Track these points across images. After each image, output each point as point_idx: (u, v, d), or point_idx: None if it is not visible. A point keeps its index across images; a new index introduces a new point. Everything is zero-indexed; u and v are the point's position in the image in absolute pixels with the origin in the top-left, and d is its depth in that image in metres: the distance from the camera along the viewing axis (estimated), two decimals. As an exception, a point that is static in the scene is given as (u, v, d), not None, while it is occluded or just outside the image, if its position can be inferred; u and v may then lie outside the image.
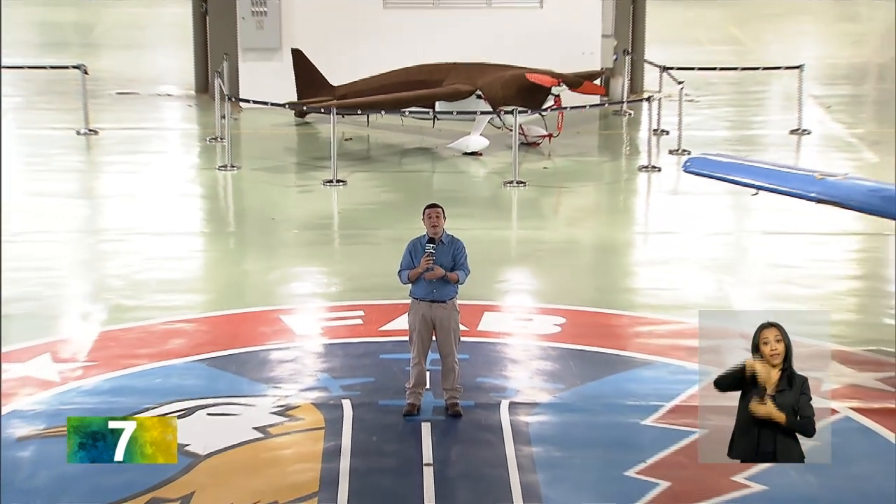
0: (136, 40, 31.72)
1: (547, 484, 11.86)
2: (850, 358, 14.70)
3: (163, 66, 28.52)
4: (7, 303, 16.44)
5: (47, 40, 31.53)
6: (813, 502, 11.71)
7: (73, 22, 34.13)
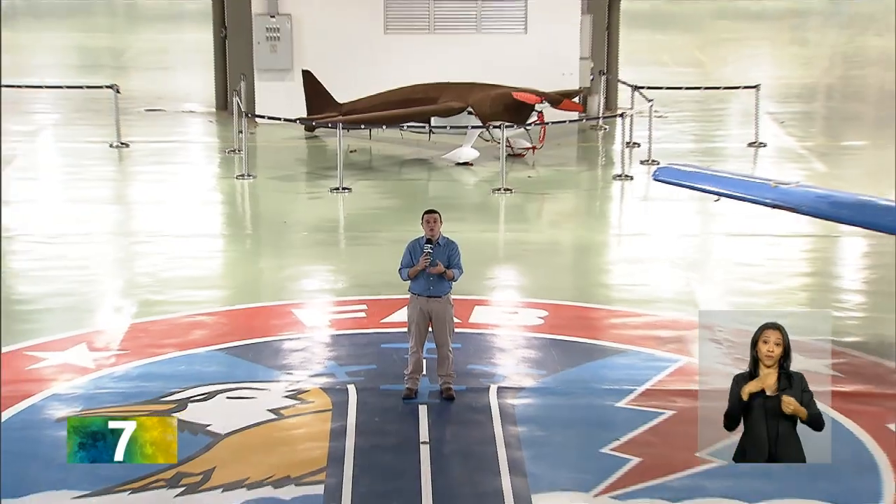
0: (163, 63, 31.69)
1: (531, 460, 11.93)
2: (802, 346, 14.69)
3: (186, 86, 28.50)
4: (47, 297, 16.51)
5: (84, 63, 31.49)
6: (767, 475, 11.71)
7: (107, 47, 34.09)
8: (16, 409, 13.03)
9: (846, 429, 12.67)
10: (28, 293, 16.79)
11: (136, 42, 35.10)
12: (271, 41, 24.99)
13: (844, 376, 13.88)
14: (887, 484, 11.63)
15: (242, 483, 11.46)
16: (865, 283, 17.54)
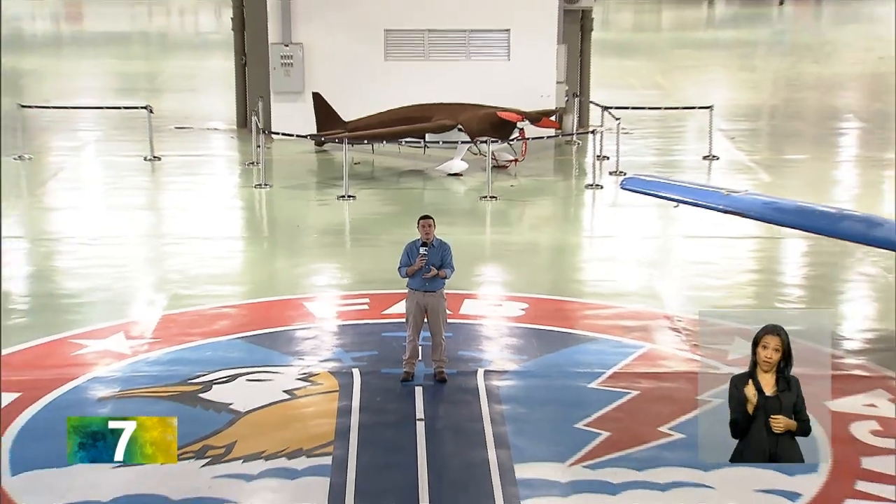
0: (191, 86, 31.64)
1: (513, 434, 11.97)
2: (750, 334, 14.68)
3: (211, 107, 28.47)
4: (89, 292, 16.50)
5: (121, 86, 31.43)
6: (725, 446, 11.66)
7: (142, 72, 34.02)
8: (62, 389, 13.05)
9: (789, 406, 12.67)
10: (73, 288, 16.78)
11: (167, 68, 35.03)
12: (285, 67, 24.98)
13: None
14: (823, 452, 11.64)
15: (260, 455, 11.49)
16: (804, 279, 17.56)
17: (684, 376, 13.44)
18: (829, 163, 24.73)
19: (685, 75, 33.96)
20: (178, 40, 41.71)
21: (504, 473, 11.13)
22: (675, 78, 33.22)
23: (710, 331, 14.83)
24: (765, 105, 30.49)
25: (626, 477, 11.04)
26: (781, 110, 30.00)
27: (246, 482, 11.01)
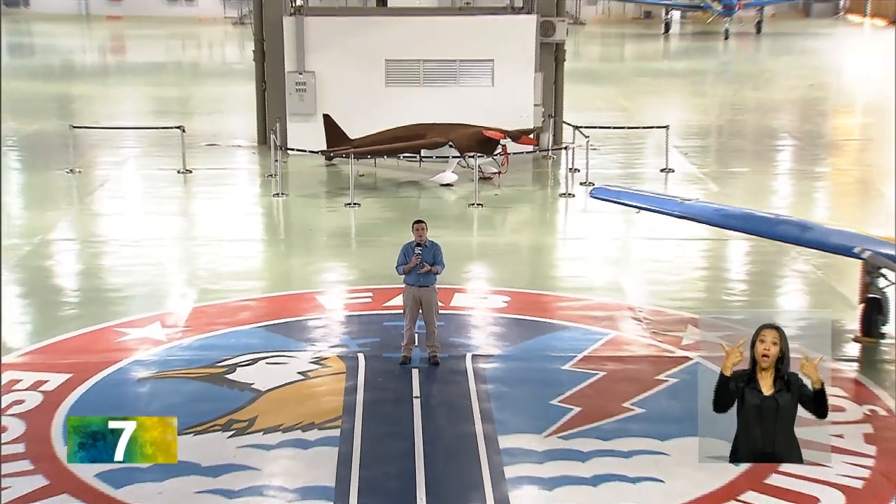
0: (218, 108, 31.59)
1: (497, 410, 11.98)
2: (700, 322, 14.74)
3: (235, 126, 28.43)
4: (130, 287, 16.48)
5: (158, 109, 31.37)
6: (675, 419, 11.76)
7: (176, 97, 33.95)
8: (107, 371, 13.02)
9: (734, 385, 12.67)
10: (116, 284, 16.73)
11: (197, 93, 34.94)
12: (299, 92, 24.94)
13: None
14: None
15: (278, 427, 11.49)
16: (747, 275, 17.57)
17: (645, 359, 13.47)
18: (767, 175, 24.75)
19: (645, 99, 33.98)
20: (207, 69, 41.63)
21: (489, 444, 11.14)
22: (636, 101, 33.25)
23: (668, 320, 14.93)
24: (713, 125, 30.54)
25: (594, 446, 11.05)
26: (727, 130, 30.04)
27: (266, 451, 11.00)
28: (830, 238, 15.07)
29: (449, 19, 28.29)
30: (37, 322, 15.06)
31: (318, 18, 26.20)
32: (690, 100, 34.63)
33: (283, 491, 10.31)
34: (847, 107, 34.76)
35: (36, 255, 17.97)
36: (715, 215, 16.59)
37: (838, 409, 12.02)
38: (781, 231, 15.99)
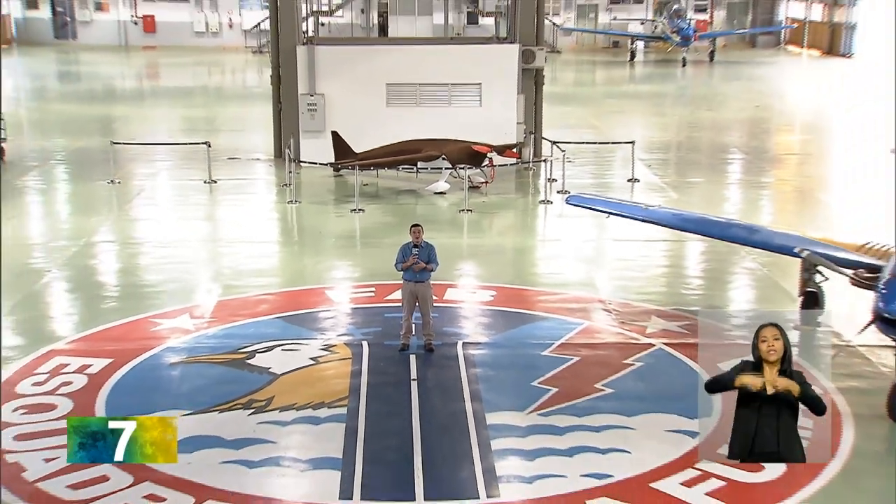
0: (239, 126, 31.50)
1: (485, 390, 12.01)
2: (662, 313, 14.77)
3: (255, 142, 28.32)
4: (163, 283, 16.44)
5: (186, 127, 31.30)
6: (640, 398, 11.79)
7: (202, 116, 33.89)
8: (143, 356, 13.01)
9: (690, 367, 12.71)
10: (150, 280, 16.68)
11: (221, 113, 34.84)
12: (311, 111, 24.86)
13: (688, 332, 13.92)
14: (716, 401, 11.62)
15: (292, 406, 11.48)
16: (702, 272, 17.58)
17: (614, 346, 13.48)
18: (720, 184, 24.76)
19: (613, 118, 33.98)
20: (230, 92, 41.54)
21: (478, 420, 11.15)
22: (605, 120, 33.24)
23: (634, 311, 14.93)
24: (672, 141, 30.54)
25: (569, 422, 11.07)
26: (685, 145, 30.04)
27: (282, 427, 11.01)
28: (774, 239, 15.14)
29: (442, 48, 28.28)
30: (82, 313, 15.02)
31: (327, 47, 26.18)
32: (653, 119, 34.65)
33: (297, 462, 10.31)
34: (788, 125, 34.81)
35: (81, 256, 17.91)
36: (675, 219, 16.65)
37: (782, 389, 12.06)
38: (732, 233, 16.05)
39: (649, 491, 9.75)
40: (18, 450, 10.50)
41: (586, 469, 10.08)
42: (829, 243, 14.20)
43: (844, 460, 10.44)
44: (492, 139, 23.41)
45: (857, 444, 10.78)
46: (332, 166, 23.98)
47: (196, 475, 9.95)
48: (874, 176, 23.94)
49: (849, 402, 11.70)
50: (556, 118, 28.91)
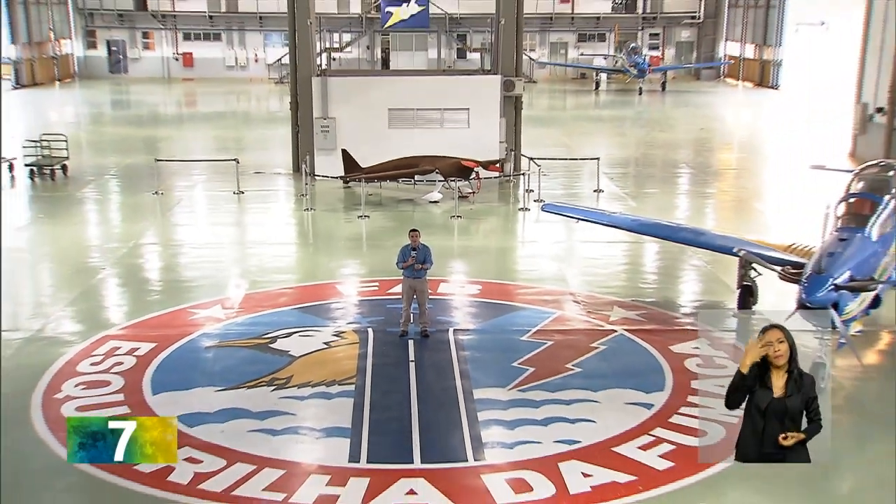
0: (264, 146, 31.37)
1: (472, 370, 11.98)
2: (623, 304, 14.74)
3: (276, 159, 28.20)
4: (199, 279, 16.36)
5: (218, 146, 31.13)
6: (604, 376, 11.75)
7: (232, 137, 33.74)
8: (182, 341, 12.95)
9: (647, 350, 12.68)
10: (188, 276, 16.59)
11: (248, 134, 34.67)
12: (324, 132, 24.78)
13: (645, 320, 13.91)
14: (668, 378, 11.70)
15: (308, 384, 11.43)
16: (656, 269, 17.52)
17: (582, 332, 13.44)
18: (671, 195, 24.74)
19: (581, 138, 33.92)
20: (256, 116, 41.41)
21: (466, 395, 11.13)
22: (575, 140, 33.18)
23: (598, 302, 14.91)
24: (631, 157, 30.49)
25: (544, 396, 11.06)
26: (641, 161, 29.98)
27: (300, 401, 10.97)
28: (716, 241, 15.14)
29: (435, 78, 28.27)
30: (131, 304, 14.95)
31: (338, 78, 26.13)
32: (614, 139, 34.63)
33: (313, 430, 10.27)
34: (727, 145, 34.81)
35: (130, 255, 17.82)
36: (633, 224, 16.64)
37: (721, 367, 12.06)
38: (681, 236, 16.04)
39: (612, 454, 9.75)
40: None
41: (558, 436, 10.07)
42: (761, 244, 14.21)
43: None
44: (478, 156, 23.39)
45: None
46: (341, 179, 23.91)
47: (227, 441, 9.94)
48: (798, 188, 24.03)
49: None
50: (532, 138, 28.88)
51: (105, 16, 52.09)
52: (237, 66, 54.83)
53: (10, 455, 9.71)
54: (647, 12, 55.68)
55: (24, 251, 18.28)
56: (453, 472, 9.42)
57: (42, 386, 11.39)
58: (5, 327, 13.50)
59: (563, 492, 9.03)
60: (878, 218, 11.95)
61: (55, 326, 13.68)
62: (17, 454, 9.77)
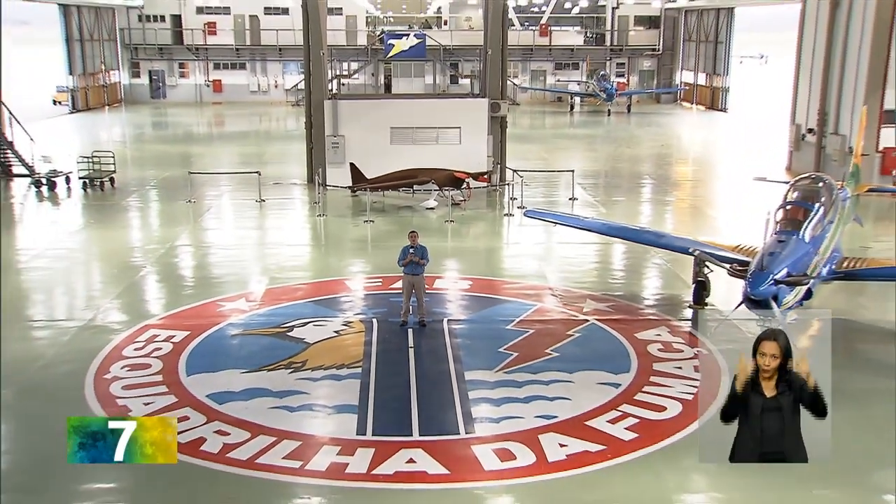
0: (282, 160, 31.18)
1: (464, 355, 11.94)
2: (595, 297, 14.71)
3: (293, 171, 28.07)
4: (226, 275, 16.27)
5: (243, 161, 30.98)
6: (578, 360, 11.71)
7: (254, 153, 33.61)
8: (211, 329, 12.89)
9: (615, 337, 12.67)
10: (216, 273, 16.55)
11: (268, 150, 34.47)
12: (334, 148, 24.65)
13: (614, 311, 13.90)
14: (633, 361, 11.67)
15: (321, 367, 11.40)
16: (623, 266, 17.48)
17: (559, 321, 13.42)
18: (636, 202, 24.72)
19: (558, 153, 33.86)
20: (276, 135, 41.20)
21: (458, 376, 11.11)
22: (552, 154, 33.12)
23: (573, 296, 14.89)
24: (601, 170, 30.41)
25: (526, 378, 11.04)
26: (610, 173, 29.91)
27: (313, 382, 10.94)
28: (675, 242, 15.15)
29: (432, 101, 28.26)
30: (168, 297, 14.90)
31: (346, 101, 26.03)
32: (587, 153, 34.59)
33: (325, 407, 10.25)
34: (683, 159, 34.81)
35: (167, 255, 17.75)
36: (603, 227, 16.66)
37: (677, 350, 12.10)
38: (645, 238, 16.05)
39: (584, 427, 9.74)
40: (126, 397, 10.55)
41: (538, 412, 10.06)
42: (713, 245, 14.25)
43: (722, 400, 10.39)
44: (468, 168, 23.34)
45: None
46: (350, 189, 23.85)
47: (251, 416, 9.92)
48: (743, 196, 24.03)
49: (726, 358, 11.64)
50: (516, 152, 28.81)
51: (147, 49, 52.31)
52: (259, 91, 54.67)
53: (65, 429, 9.64)
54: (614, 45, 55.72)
55: (78, 252, 18.28)
56: (447, 443, 9.41)
57: (93, 368, 11.41)
58: (63, 317, 13.70)
59: (542, 460, 9.04)
60: (811, 223, 12.07)
61: (104, 317, 13.65)
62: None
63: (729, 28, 48.66)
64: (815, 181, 13.34)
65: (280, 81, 55.01)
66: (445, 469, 8.85)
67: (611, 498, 8.48)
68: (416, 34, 26.49)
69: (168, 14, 52.25)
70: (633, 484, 8.69)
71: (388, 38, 26.93)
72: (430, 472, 8.79)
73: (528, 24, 56.55)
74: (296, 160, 29.24)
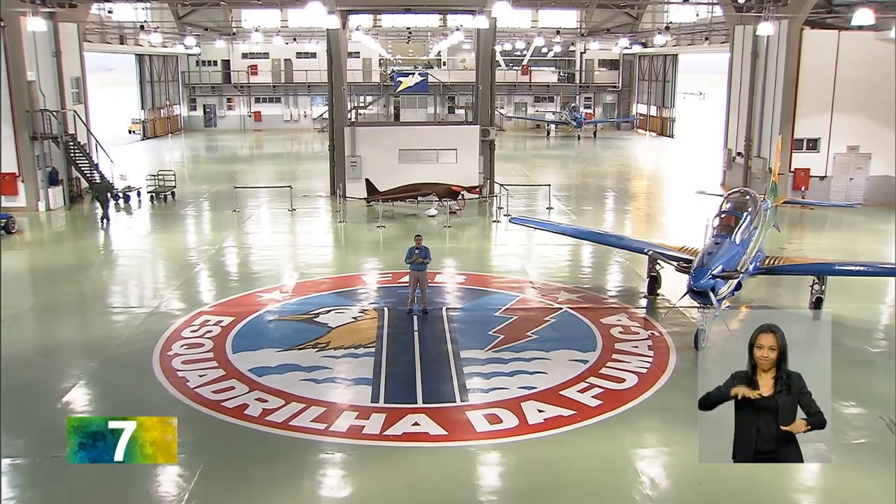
0: (309, 175, 31.15)
1: (459, 337, 11.89)
2: (567, 289, 14.68)
3: (318, 185, 28.01)
4: (263, 271, 16.18)
5: (278, 177, 30.88)
6: (554, 340, 11.68)
7: (287, 170, 33.50)
8: (252, 316, 12.85)
9: (584, 322, 12.64)
10: (255, 269, 16.45)
11: (298, 168, 34.33)
12: (352, 166, 24.65)
13: (583, 301, 13.86)
14: (598, 342, 11.62)
15: (342, 347, 11.37)
16: (591, 264, 17.41)
17: (538, 309, 13.39)
18: (602, 211, 24.62)
19: (537, 170, 33.76)
20: (304, 155, 41.03)
21: (455, 355, 11.09)
22: (533, 171, 33.03)
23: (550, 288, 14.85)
24: (573, 184, 30.32)
25: (511, 356, 11.02)
26: (580, 187, 29.80)
27: (336, 359, 10.90)
28: (632, 244, 15.12)
29: (433, 127, 28.08)
30: (216, 289, 14.83)
31: (363, 128, 25.94)
32: (561, 171, 34.51)
33: (345, 380, 10.23)
34: (640, 175, 34.76)
35: (216, 254, 17.70)
36: (574, 231, 16.61)
37: (634, 333, 12.07)
38: (608, 240, 16.02)
39: (559, 396, 9.74)
40: (184, 370, 10.56)
41: (521, 384, 10.05)
42: (663, 246, 14.23)
43: (670, 374, 10.49)
44: (463, 182, 23.30)
45: (677, 364, 10.85)
46: (365, 200, 23.80)
47: (285, 387, 9.93)
48: (687, 206, 23.99)
49: (673, 339, 11.76)
50: (502, 170, 28.76)
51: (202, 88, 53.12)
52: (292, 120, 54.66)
53: (138, 394, 9.93)
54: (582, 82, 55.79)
55: (147, 252, 18.27)
56: (446, 409, 9.40)
57: (159, 346, 11.46)
58: (136, 304, 13.81)
59: (524, 422, 9.05)
60: (740, 228, 12.19)
61: (167, 304, 13.66)
62: (144, 394, 9.94)
63: (674, 70, 49.03)
64: (743, 195, 13.43)
65: (308, 112, 55.03)
66: (444, 430, 8.86)
67: (580, 453, 8.52)
68: (420, 73, 26.41)
69: (219, 59, 53.10)
70: (598, 441, 8.74)
71: (397, 76, 26.89)
72: (431, 433, 8.81)
73: (512, 65, 56.59)
74: (321, 176, 29.14)
